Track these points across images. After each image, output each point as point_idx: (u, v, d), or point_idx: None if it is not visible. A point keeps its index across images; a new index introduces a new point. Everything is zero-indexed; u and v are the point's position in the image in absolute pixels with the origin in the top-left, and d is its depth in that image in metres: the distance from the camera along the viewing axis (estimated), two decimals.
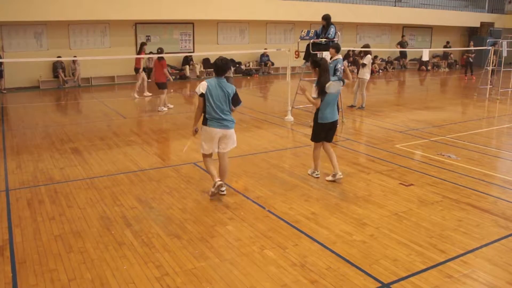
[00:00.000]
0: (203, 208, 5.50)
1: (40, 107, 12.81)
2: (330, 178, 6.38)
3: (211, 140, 5.65)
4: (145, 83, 14.33)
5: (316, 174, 6.54)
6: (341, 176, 6.30)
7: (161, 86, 11.75)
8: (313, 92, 6.19)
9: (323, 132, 6.32)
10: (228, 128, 5.65)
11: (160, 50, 11.82)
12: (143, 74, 14.19)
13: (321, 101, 6.15)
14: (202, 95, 5.51)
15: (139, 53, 14.05)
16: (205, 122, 5.62)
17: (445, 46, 22.16)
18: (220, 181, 5.71)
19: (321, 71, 6.12)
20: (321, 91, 6.07)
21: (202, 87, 5.50)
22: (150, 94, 14.20)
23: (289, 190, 6.09)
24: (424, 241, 4.63)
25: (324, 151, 6.44)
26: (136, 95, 14.07)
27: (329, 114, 6.24)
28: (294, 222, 5.08)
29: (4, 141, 8.75)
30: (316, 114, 6.30)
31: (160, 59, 11.59)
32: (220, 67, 5.60)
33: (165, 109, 11.94)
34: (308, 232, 4.82)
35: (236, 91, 5.65)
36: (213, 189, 5.70)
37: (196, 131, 5.84)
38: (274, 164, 7.22)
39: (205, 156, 5.82)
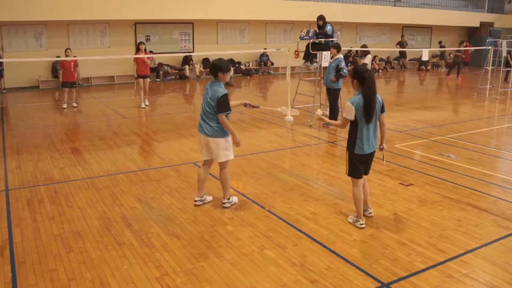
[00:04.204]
0: (203, 208, 5.50)
1: (40, 107, 12.80)
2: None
3: (200, 144, 5.48)
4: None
5: (361, 224, 4.97)
6: (372, 215, 5.24)
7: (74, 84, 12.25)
8: (346, 111, 4.79)
9: (361, 164, 4.99)
10: (207, 135, 5.22)
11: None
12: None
13: (359, 123, 4.78)
14: None
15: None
16: None
17: (440, 46, 22.26)
18: (200, 200, 5.56)
19: (365, 87, 4.63)
20: (367, 112, 4.68)
21: None
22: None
23: (289, 190, 6.09)
24: (424, 241, 4.63)
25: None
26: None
27: (369, 142, 4.88)
28: (294, 222, 5.08)
29: (4, 141, 8.75)
30: (352, 141, 4.94)
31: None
32: (212, 66, 5.22)
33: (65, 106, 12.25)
34: (308, 232, 4.82)
35: (222, 97, 5.04)
36: (195, 199, 5.61)
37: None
38: (274, 164, 7.22)
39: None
